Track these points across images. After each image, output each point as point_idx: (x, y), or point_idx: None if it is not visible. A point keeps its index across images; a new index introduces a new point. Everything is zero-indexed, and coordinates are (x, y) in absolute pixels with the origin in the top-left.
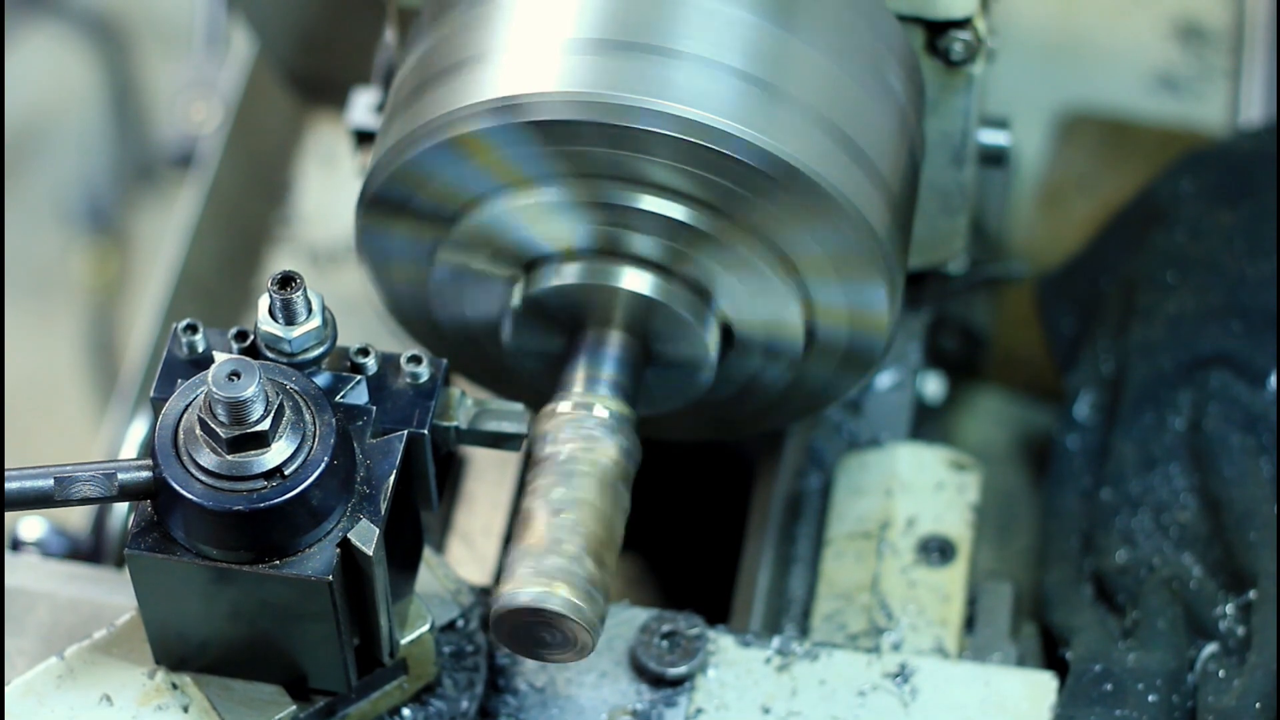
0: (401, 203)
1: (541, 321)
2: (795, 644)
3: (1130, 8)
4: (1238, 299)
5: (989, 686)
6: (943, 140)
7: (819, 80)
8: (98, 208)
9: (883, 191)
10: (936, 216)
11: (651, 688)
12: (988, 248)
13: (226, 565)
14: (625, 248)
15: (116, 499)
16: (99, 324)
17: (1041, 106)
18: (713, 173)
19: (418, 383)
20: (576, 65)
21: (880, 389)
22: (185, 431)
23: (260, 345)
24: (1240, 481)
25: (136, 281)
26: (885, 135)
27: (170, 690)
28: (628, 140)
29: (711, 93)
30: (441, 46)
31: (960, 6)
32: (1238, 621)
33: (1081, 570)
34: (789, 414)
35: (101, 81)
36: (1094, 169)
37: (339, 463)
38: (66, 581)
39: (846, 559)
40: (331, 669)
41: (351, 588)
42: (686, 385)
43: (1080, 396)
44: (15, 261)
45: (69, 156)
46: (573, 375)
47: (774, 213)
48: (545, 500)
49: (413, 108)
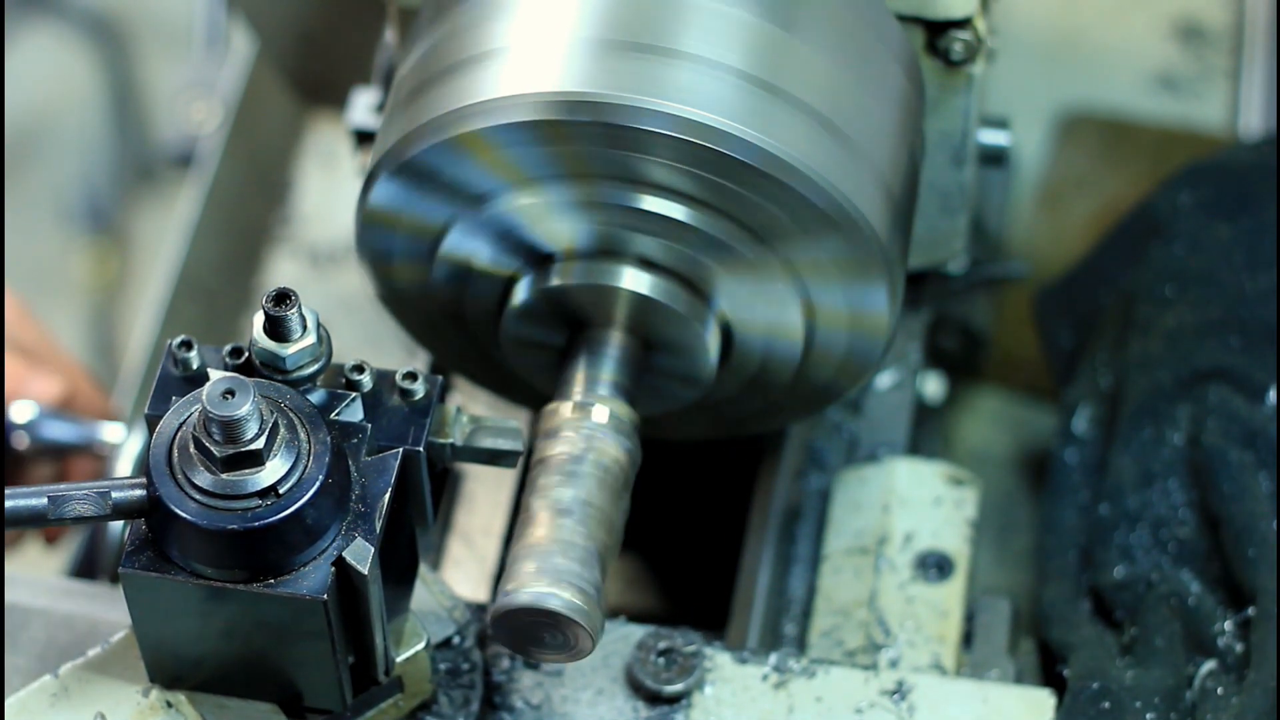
0: (401, 203)
1: (542, 321)
2: (792, 661)
3: (1130, 8)
4: (1236, 313)
5: (987, 704)
6: (943, 140)
7: (819, 80)
8: (98, 208)
9: (883, 191)
10: (936, 216)
11: (648, 705)
12: (988, 248)
13: (221, 584)
14: (626, 248)
15: (111, 518)
16: (99, 324)
17: (1041, 106)
18: (713, 173)
19: (413, 399)
20: (577, 64)
21: (880, 389)
22: (179, 450)
23: (255, 362)
24: (1239, 497)
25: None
26: (885, 135)
27: (165, 709)
28: (628, 140)
29: (712, 92)
30: (441, 46)
31: (960, 6)
32: (1236, 638)
33: (1080, 586)
34: (789, 414)
35: (101, 82)
36: (1094, 169)
37: (333, 481)
38: (62, 597)
39: (844, 574)
40: (326, 687)
41: (346, 606)
42: (687, 386)
43: (1079, 410)
44: (15, 261)
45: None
46: (573, 375)
47: (774, 212)
48: (546, 500)
49: (413, 107)
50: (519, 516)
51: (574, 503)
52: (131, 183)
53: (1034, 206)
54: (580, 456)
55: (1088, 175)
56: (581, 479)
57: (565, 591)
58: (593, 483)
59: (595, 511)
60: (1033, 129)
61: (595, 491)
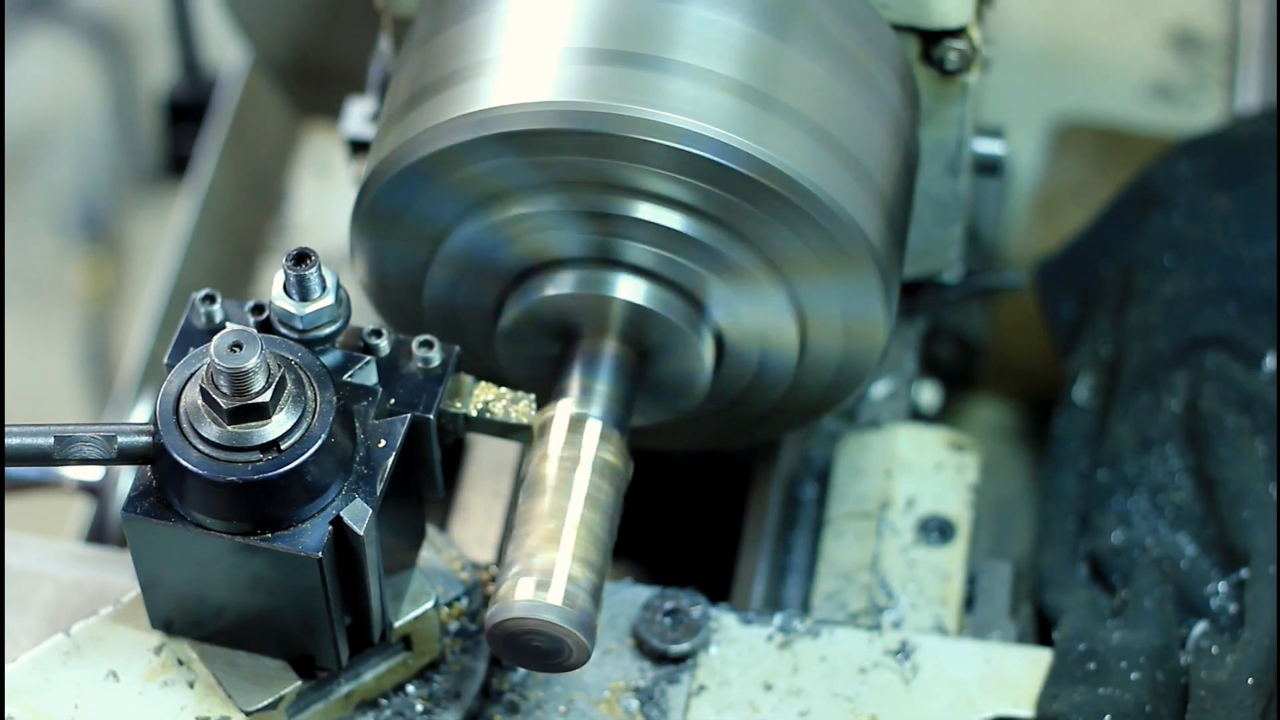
0: (397, 214)
1: (536, 331)
2: (797, 621)
3: (1125, 17)
4: (1234, 281)
5: (989, 663)
6: (937, 149)
7: (813, 89)
8: (93, 217)
9: (877, 200)
10: (931, 226)
11: (654, 665)
12: (983, 257)
13: (219, 535)
14: (620, 257)
15: (115, 461)
16: (94, 333)
17: (1036, 115)
18: (706, 181)
19: (429, 367)
20: (569, 75)
21: (875, 398)
22: (187, 400)
23: (273, 320)
24: (1235, 461)
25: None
26: (879, 144)
27: (176, 666)
28: (622, 149)
29: (705, 102)
30: (436, 56)
31: (955, 16)
32: (1229, 599)
33: (1077, 551)
34: (784, 423)
35: (100, 89)
36: (1089, 178)
37: (337, 440)
38: (72, 562)
39: (846, 538)
40: (323, 646)
41: (344, 567)
42: (681, 395)
43: (1079, 379)
44: (11, 270)
45: (65, 165)
46: (567, 385)
47: (767, 221)
48: (539, 511)
49: (408, 117)
50: (512, 525)
51: (566, 513)
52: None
53: (1029, 216)
54: (574, 466)
55: (1083, 184)
56: (575, 489)
57: (555, 601)
58: (586, 493)
59: (589, 521)
60: (1028, 138)
61: (589, 502)
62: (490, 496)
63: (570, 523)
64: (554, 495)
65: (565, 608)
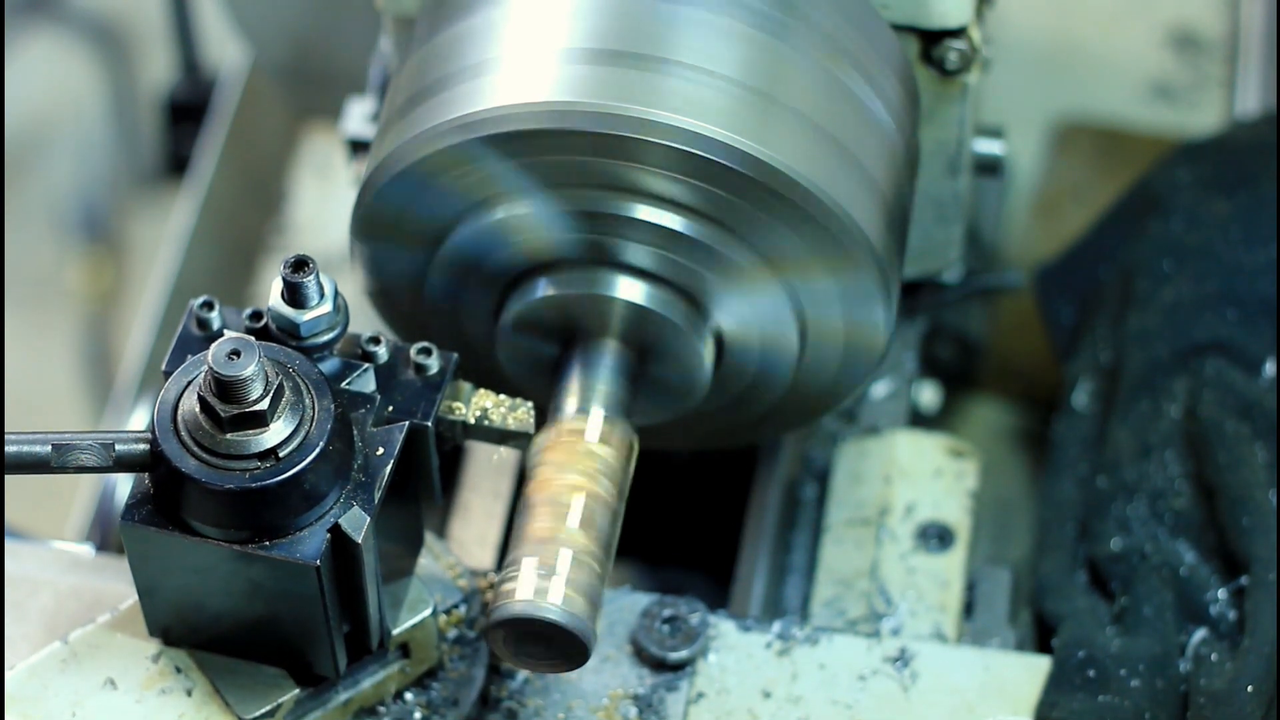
0: (397, 214)
1: (536, 331)
2: (795, 629)
3: (1125, 17)
4: (1233, 287)
5: (988, 671)
6: (938, 149)
7: (813, 89)
8: (93, 217)
9: (877, 200)
10: (931, 226)
11: (653, 672)
12: (983, 257)
13: (217, 543)
14: (620, 257)
15: (113, 469)
16: (94, 334)
17: (1036, 115)
18: (706, 181)
19: (427, 374)
20: (569, 76)
21: (875, 398)
22: (185, 408)
23: (272, 327)
24: (1234, 467)
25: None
26: (879, 144)
27: (174, 674)
28: (622, 149)
29: (705, 101)
30: (436, 56)
31: (955, 16)
32: (1229, 606)
33: (1076, 558)
34: (784, 424)
35: (100, 89)
36: (1089, 178)
37: (335, 448)
38: (70, 569)
39: (845, 545)
40: (321, 654)
41: (341, 574)
42: (681, 395)
43: (1079, 385)
44: (11, 270)
45: (65, 165)
46: (567, 386)
47: (768, 221)
48: (541, 510)
49: (408, 117)
50: (514, 525)
51: (569, 513)
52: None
53: (1029, 216)
54: (574, 467)
55: (1083, 184)
56: (577, 490)
57: (556, 600)
58: (586, 494)
59: (590, 521)
60: (1028, 138)
61: (590, 502)
62: (490, 497)
63: (571, 523)
64: (555, 495)
65: (565, 607)
